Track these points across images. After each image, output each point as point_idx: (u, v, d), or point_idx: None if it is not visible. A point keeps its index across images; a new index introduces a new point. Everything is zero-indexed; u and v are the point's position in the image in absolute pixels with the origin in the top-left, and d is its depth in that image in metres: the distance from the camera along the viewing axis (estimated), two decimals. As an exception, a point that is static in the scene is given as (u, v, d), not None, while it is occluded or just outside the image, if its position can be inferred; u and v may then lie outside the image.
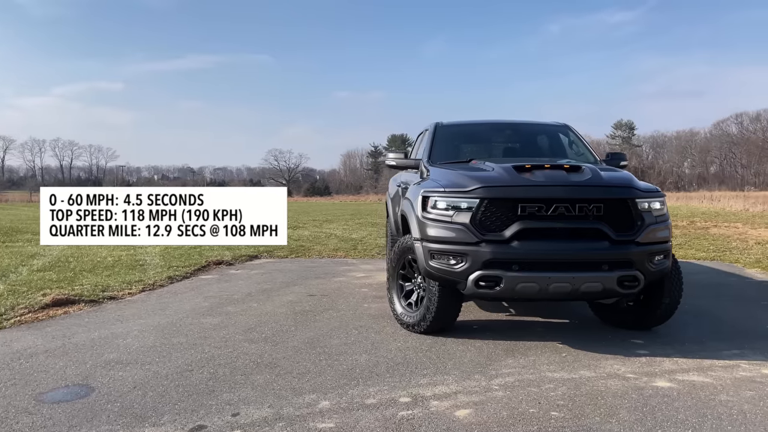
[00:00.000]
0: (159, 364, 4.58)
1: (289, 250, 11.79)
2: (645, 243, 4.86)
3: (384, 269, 9.32)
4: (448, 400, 3.82)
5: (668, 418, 3.53)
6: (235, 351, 4.93)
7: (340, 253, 11.47)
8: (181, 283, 8.32)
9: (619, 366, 4.50)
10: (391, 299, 5.72)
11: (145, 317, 6.18)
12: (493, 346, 5.04)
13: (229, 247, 11.82)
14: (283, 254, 11.34)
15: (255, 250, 11.61)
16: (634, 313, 5.52)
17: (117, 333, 5.55)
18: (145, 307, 6.70)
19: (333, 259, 10.82)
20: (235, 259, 10.45)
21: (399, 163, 6.38)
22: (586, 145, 6.66)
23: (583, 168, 5.07)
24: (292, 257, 11.11)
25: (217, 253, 11.02)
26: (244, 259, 10.62)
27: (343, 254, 11.34)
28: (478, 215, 4.79)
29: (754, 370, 4.41)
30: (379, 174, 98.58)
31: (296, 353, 4.85)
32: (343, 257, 11.09)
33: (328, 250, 11.81)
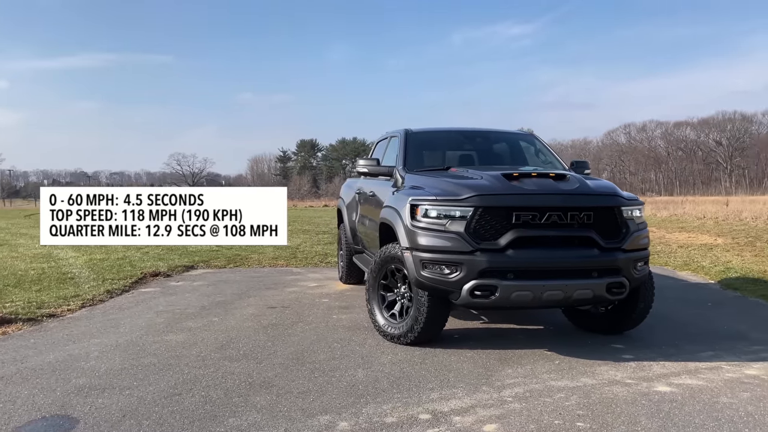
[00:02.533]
0: (140, 389, 4.21)
1: (226, 259, 11.31)
2: (630, 250, 4.99)
3: (333, 278, 9.14)
4: (468, 414, 3.72)
5: (687, 423, 3.60)
6: (218, 371, 4.61)
7: (280, 261, 11.13)
8: (122, 297, 7.76)
9: (614, 372, 4.57)
10: (371, 311, 5.56)
11: (99, 336, 5.69)
12: (484, 355, 5.00)
13: (164, 257, 11.19)
14: (221, 264, 10.86)
15: (190, 260, 11.06)
16: (608, 318, 5.65)
17: (75, 355, 5.06)
18: (94, 324, 6.18)
19: (276, 269, 10.48)
20: (171, 270, 9.89)
21: (371, 170, 6.23)
22: (552, 153, 6.78)
23: (568, 176, 5.13)
24: (231, 267, 10.66)
25: (150, 264, 10.41)
26: (181, 270, 10.08)
27: (285, 263, 11.00)
28: (473, 224, 4.74)
29: (737, 371, 4.60)
30: (288, 180, 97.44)
31: (286, 371, 4.59)
32: (286, 266, 10.76)
33: (267, 258, 11.43)
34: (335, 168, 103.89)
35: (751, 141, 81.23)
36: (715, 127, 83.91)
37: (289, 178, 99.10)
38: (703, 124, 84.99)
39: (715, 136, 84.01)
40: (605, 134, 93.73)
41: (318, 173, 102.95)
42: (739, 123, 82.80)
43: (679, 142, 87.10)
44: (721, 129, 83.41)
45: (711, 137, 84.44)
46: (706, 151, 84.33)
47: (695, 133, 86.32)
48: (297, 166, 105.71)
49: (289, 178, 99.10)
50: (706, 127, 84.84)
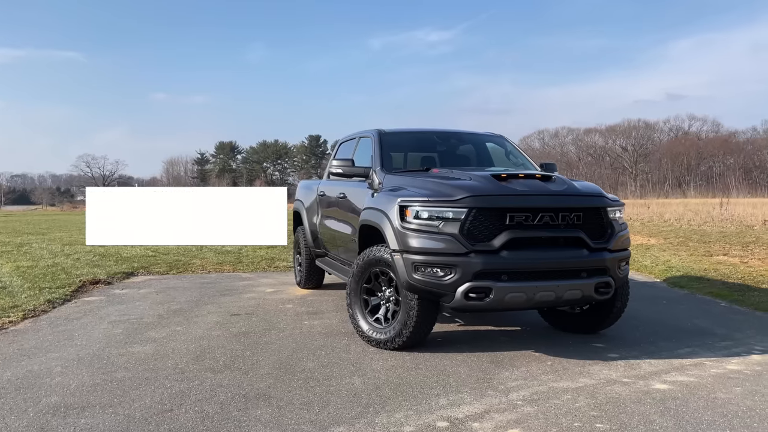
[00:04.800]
0: (123, 406, 3.86)
1: (167, 265, 10.75)
2: (615, 250, 5.06)
3: (288, 283, 8.87)
4: (485, 420, 3.63)
5: (698, 420, 3.65)
6: (203, 383, 4.31)
7: (226, 267, 10.69)
8: (66, 307, 7.20)
9: (607, 371, 4.61)
10: (353, 316, 5.38)
11: (55, 350, 5.22)
12: (475, 358, 4.93)
13: (99, 264, 10.51)
14: (163, 270, 10.31)
15: (128, 266, 10.44)
16: (585, 318, 5.73)
17: (35, 371, 4.62)
18: (44, 337, 5.68)
19: (223, 274, 10.05)
20: (110, 278, 9.29)
21: (345, 171, 6.04)
22: (523, 154, 6.83)
23: (554, 177, 5.15)
24: (174, 273, 10.14)
25: (86, 271, 9.73)
26: (121, 277, 9.49)
27: (231, 268, 10.58)
28: (467, 225, 4.66)
29: (720, 367, 4.74)
30: (206, 182, 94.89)
31: (278, 381, 4.35)
32: (233, 271, 10.34)
33: (211, 264, 10.95)
34: (256, 171, 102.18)
35: (653, 147, 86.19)
36: (622, 134, 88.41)
37: (207, 180, 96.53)
38: (611, 131, 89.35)
39: (621, 142, 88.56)
40: (521, 140, 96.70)
41: (238, 176, 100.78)
42: (643, 130, 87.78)
43: (589, 148, 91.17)
44: (626, 136, 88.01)
45: (618, 143, 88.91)
46: (614, 157, 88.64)
47: (603, 140, 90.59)
48: (216, 168, 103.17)
49: (207, 180, 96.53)
50: (613, 134, 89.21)
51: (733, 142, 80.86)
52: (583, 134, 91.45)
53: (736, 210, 18.76)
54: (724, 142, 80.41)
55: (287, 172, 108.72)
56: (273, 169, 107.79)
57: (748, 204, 22.06)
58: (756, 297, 7.48)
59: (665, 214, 20.39)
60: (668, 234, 14.93)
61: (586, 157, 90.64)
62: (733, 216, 17.68)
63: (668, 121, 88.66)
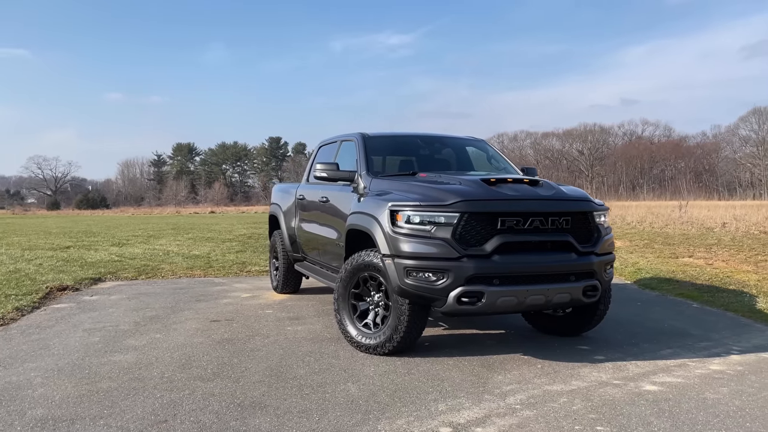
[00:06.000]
0: (114, 417, 3.74)
1: (135, 270, 10.50)
2: (602, 253, 5.14)
3: (263, 288, 8.76)
4: (488, 425, 3.63)
5: (694, 421, 3.73)
6: (194, 393, 4.21)
7: (197, 271, 10.49)
8: (36, 315, 6.95)
9: (597, 373, 4.67)
10: (341, 321, 5.33)
11: (32, 360, 5.04)
12: (466, 362, 4.94)
13: (63, 269, 10.18)
14: (131, 275, 10.06)
15: (94, 272, 10.16)
16: (569, 321, 5.80)
17: (14, 382, 4.44)
18: (18, 346, 5.47)
19: (194, 279, 9.86)
20: (77, 284, 9.01)
21: (330, 175, 5.98)
22: (505, 159, 6.89)
23: (541, 182, 5.21)
24: (143, 278, 9.90)
25: (51, 277, 9.43)
26: (89, 283, 9.22)
27: (202, 273, 10.39)
28: (459, 229, 4.67)
29: (703, 368, 4.86)
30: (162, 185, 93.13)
31: (271, 389, 4.28)
32: (204, 276, 10.16)
33: (180, 268, 10.73)
34: (215, 173, 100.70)
35: (608, 151, 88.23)
36: (578, 138, 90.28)
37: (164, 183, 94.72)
38: (568, 135, 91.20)
39: (578, 146, 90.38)
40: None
41: (196, 178, 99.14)
42: (599, 134, 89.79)
43: (547, 152, 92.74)
44: (583, 140, 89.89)
45: (574, 147, 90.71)
46: (570, 160, 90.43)
47: (560, 143, 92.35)
48: (173, 170, 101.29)
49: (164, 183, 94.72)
50: (570, 138, 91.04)
51: (684, 146, 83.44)
52: (541, 138, 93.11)
53: (695, 213, 19.34)
54: (675, 147, 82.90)
55: (247, 175, 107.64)
56: (232, 171, 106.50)
57: (704, 207, 22.76)
58: (725, 298, 7.70)
59: (627, 216, 20.87)
60: (633, 236, 15.27)
61: (543, 161, 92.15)
62: (693, 219, 18.21)
63: (623, 126, 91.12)
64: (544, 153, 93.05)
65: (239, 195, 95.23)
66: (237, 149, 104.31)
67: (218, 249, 14.17)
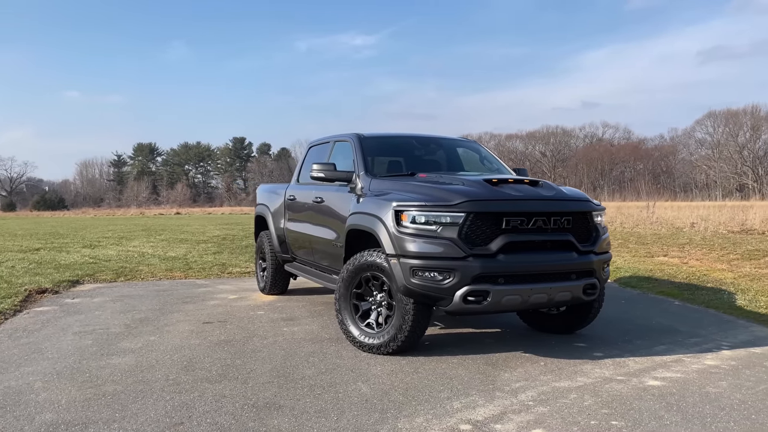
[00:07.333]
0: (128, 421, 3.68)
1: (113, 272, 10.29)
2: (600, 252, 5.25)
3: (250, 289, 8.70)
4: (506, 422, 3.68)
5: (702, 414, 3.84)
6: (204, 394, 4.16)
7: (177, 273, 10.33)
8: (19, 318, 6.77)
9: (600, 370, 4.77)
10: (343, 321, 5.33)
11: (27, 364, 4.91)
12: (470, 360, 5.00)
13: (38, 272, 9.92)
14: (110, 277, 9.85)
15: (71, 274, 9.92)
16: (564, 319, 5.91)
17: (14, 387, 4.33)
18: (8, 351, 5.33)
19: (176, 281, 9.71)
20: (56, 286, 8.80)
21: (327, 175, 5.97)
22: (498, 160, 6.97)
23: (541, 182, 5.29)
24: (122, 280, 9.71)
25: (28, 279, 9.18)
26: (67, 285, 9.01)
27: (182, 275, 10.24)
28: (464, 229, 4.72)
29: (699, 363, 5.01)
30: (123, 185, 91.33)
31: (282, 390, 4.26)
32: (185, 278, 10.01)
33: (159, 270, 10.56)
34: (177, 174, 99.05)
35: (570, 153, 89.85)
36: (541, 140, 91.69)
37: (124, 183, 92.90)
38: (530, 137, 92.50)
39: (541, 148, 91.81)
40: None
41: (158, 179, 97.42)
42: (561, 137, 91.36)
43: (510, 153, 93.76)
44: (545, 142, 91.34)
45: (537, 149, 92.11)
46: (533, 162, 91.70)
47: (524, 145, 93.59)
48: (134, 171, 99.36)
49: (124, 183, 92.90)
50: (533, 140, 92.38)
51: (642, 148, 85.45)
52: (505, 140, 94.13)
53: (662, 213, 19.86)
54: (634, 149, 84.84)
55: (210, 175, 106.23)
56: (195, 171, 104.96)
57: (668, 207, 23.36)
58: (704, 295, 7.93)
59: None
60: (605, 236, 15.59)
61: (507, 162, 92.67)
62: (661, 219, 18.69)
63: (584, 128, 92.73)
64: (507, 155, 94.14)
65: (202, 196, 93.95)
66: (200, 149, 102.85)
67: (194, 250, 13.97)
